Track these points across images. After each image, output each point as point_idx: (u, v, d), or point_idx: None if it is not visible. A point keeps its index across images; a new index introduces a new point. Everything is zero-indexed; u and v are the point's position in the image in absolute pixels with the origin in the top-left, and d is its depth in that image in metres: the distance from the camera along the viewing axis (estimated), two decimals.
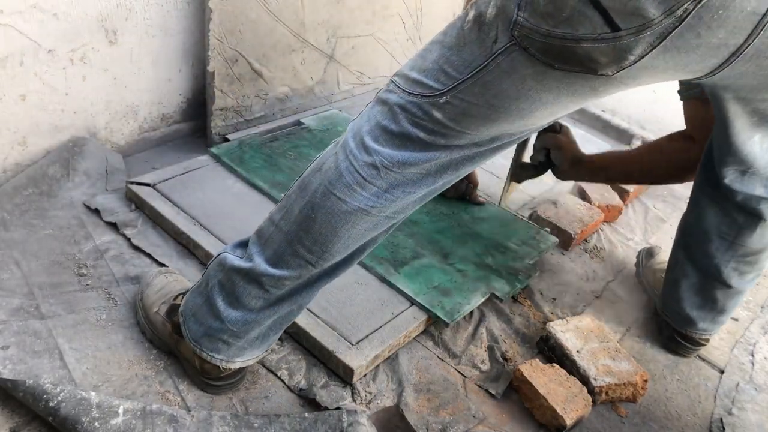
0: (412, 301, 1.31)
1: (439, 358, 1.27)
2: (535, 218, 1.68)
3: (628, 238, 1.80)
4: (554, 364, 1.24)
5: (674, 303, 1.37)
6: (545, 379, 1.19)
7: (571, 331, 1.31)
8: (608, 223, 1.83)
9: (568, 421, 1.13)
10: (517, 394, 1.22)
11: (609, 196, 1.84)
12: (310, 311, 1.22)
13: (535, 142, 1.55)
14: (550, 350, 1.31)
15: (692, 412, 1.28)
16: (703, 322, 1.35)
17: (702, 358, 1.42)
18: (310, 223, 0.92)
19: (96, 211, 1.42)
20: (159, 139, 1.73)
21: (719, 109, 1.05)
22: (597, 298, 1.53)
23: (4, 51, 1.31)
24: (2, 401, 0.99)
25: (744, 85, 0.90)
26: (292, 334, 1.22)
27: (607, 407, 1.25)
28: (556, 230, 1.65)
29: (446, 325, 1.28)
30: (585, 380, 1.23)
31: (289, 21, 1.76)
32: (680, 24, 0.68)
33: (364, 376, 1.18)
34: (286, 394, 1.13)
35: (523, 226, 1.63)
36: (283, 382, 1.14)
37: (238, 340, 1.02)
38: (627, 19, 0.69)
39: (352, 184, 0.89)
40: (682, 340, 1.39)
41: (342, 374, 1.16)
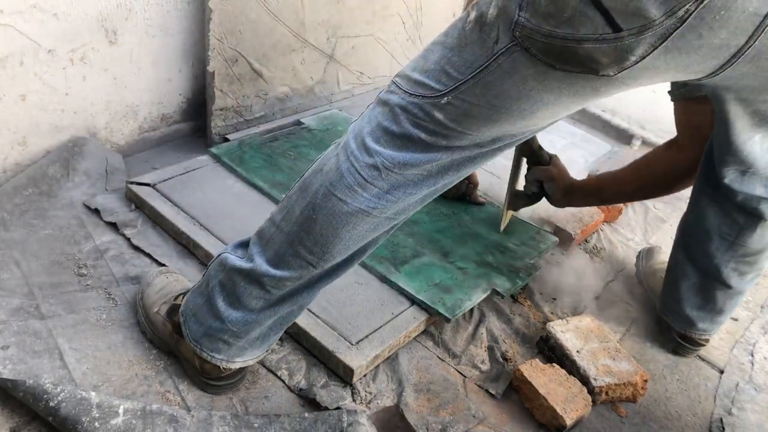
0: (413, 300, 1.31)
1: (439, 358, 1.27)
2: (535, 218, 1.69)
3: (628, 238, 1.80)
4: (554, 364, 1.24)
5: (674, 303, 1.37)
6: (545, 379, 1.20)
7: (571, 331, 1.31)
8: (608, 223, 1.83)
9: (568, 421, 1.13)
10: (517, 394, 1.22)
11: None
12: (310, 311, 1.22)
13: (526, 174, 1.55)
14: (550, 350, 1.31)
15: (692, 412, 1.29)
16: (702, 322, 1.36)
17: (702, 358, 1.42)
18: (311, 224, 0.92)
19: (96, 211, 1.42)
20: (159, 139, 1.73)
21: (720, 109, 1.05)
22: (597, 298, 1.53)
23: (4, 51, 1.30)
24: (2, 401, 0.99)
25: (745, 86, 0.91)
26: (292, 334, 1.22)
27: (607, 407, 1.25)
28: (556, 230, 1.65)
29: (447, 321, 1.28)
30: (585, 380, 1.23)
31: (289, 21, 1.76)
32: (682, 25, 0.68)
33: (364, 376, 1.18)
34: (286, 394, 1.13)
35: (523, 226, 1.63)
36: (283, 382, 1.14)
37: (239, 340, 1.02)
38: (628, 20, 0.69)
39: (353, 185, 0.89)
40: (682, 341, 1.39)
41: (342, 374, 1.16)
